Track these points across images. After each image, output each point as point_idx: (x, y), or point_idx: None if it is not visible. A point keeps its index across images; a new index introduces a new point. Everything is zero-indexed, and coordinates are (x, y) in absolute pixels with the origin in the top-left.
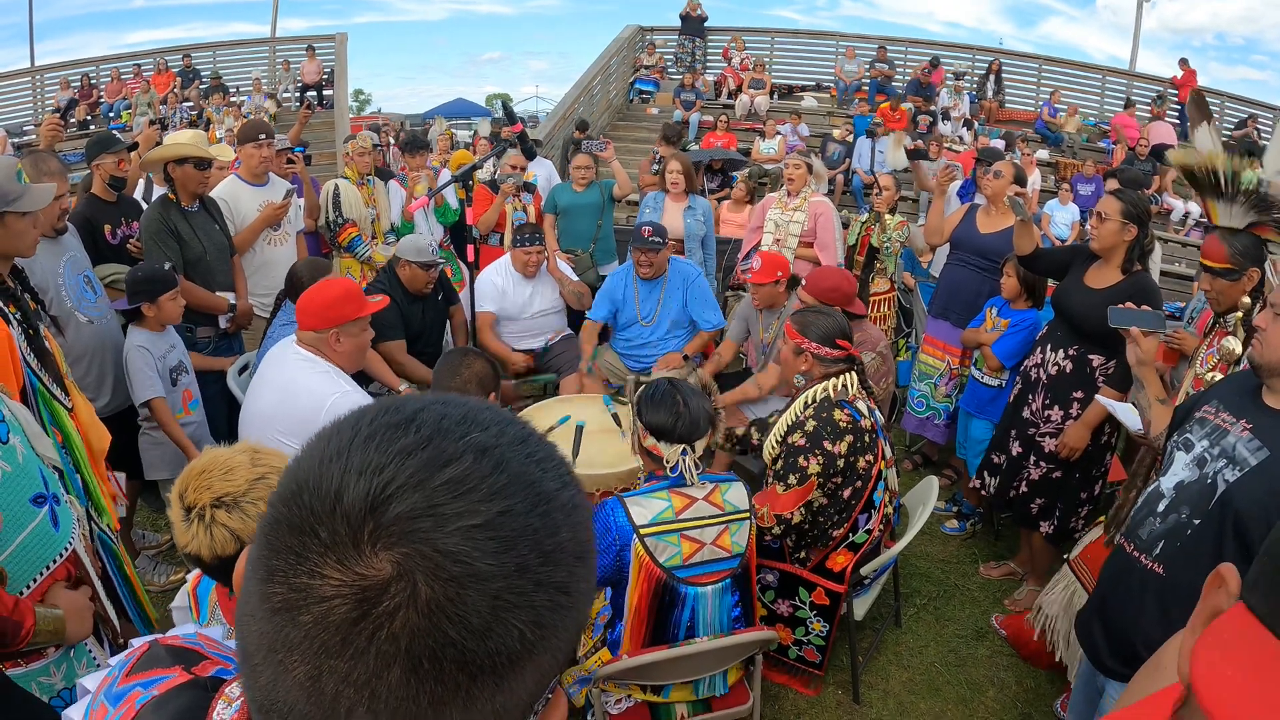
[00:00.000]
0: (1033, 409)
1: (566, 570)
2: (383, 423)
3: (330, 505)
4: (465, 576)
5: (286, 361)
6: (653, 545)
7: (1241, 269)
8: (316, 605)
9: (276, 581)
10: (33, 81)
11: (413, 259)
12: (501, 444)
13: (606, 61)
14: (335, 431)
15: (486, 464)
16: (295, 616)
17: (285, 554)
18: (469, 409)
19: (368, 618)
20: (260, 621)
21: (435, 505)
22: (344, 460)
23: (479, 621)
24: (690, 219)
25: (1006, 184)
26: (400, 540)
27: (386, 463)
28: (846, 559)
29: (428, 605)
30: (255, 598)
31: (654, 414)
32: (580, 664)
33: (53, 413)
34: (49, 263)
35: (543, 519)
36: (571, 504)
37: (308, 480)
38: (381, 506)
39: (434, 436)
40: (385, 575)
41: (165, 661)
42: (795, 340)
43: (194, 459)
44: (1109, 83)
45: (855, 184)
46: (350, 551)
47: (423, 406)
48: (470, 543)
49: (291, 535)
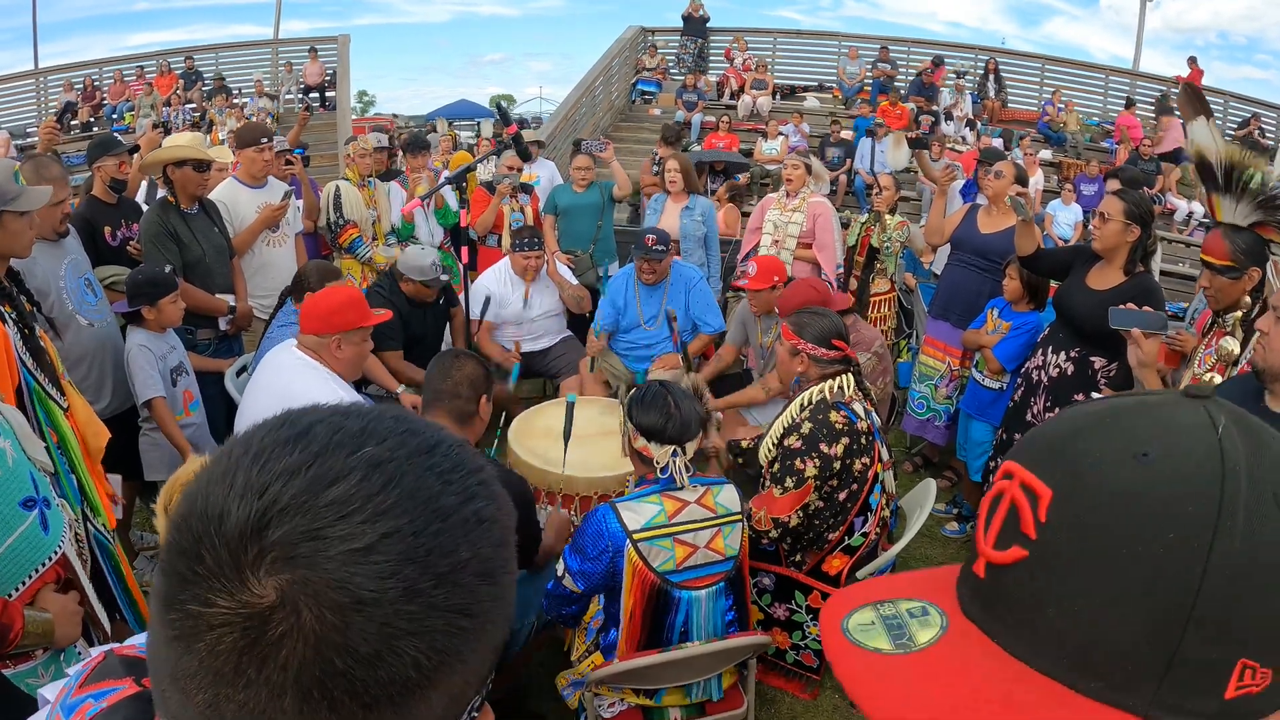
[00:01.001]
0: (1034, 411)
1: (467, 591)
2: (273, 439)
3: (214, 529)
4: (349, 604)
5: (284, 365)
6: (646, 550)
7: (1242, 267)
8: (207, 633)
9: (171, 608)
10: (36, 83)
11: (416, 279)
12: (398, 457)
13: (609, 62)
14: (228, 449)
15: (376, 481)
16: (190, 644)
17: (176, 580)
18: (370, 420)
19: (255, 646)
20: (162, 649)
21: (318, 528)
22: (229, 480)
23: (367, 650)
24: (687, 219)
25: (1008, 184)
26: (283, 566)
27: (270, 482)
28: (843, 562)
29: (313, 634)
30: (156, 624)
31: (645, 415)
32: (574, 667)
33: (48, 412)
34: (50, 265)
35: (436, 538)
36: (477, 519)
37: (195, 503)
38: (263, 530)
39: (323, 453)
40: (269, 602)
41: (117, 672)
42: (791, 341)
43: (178, 470)
44: (1112, 82)
45: (857, 184)
46: (234, 578)
47: (319, 419)
48: (353, 568)
49: (181, 561)
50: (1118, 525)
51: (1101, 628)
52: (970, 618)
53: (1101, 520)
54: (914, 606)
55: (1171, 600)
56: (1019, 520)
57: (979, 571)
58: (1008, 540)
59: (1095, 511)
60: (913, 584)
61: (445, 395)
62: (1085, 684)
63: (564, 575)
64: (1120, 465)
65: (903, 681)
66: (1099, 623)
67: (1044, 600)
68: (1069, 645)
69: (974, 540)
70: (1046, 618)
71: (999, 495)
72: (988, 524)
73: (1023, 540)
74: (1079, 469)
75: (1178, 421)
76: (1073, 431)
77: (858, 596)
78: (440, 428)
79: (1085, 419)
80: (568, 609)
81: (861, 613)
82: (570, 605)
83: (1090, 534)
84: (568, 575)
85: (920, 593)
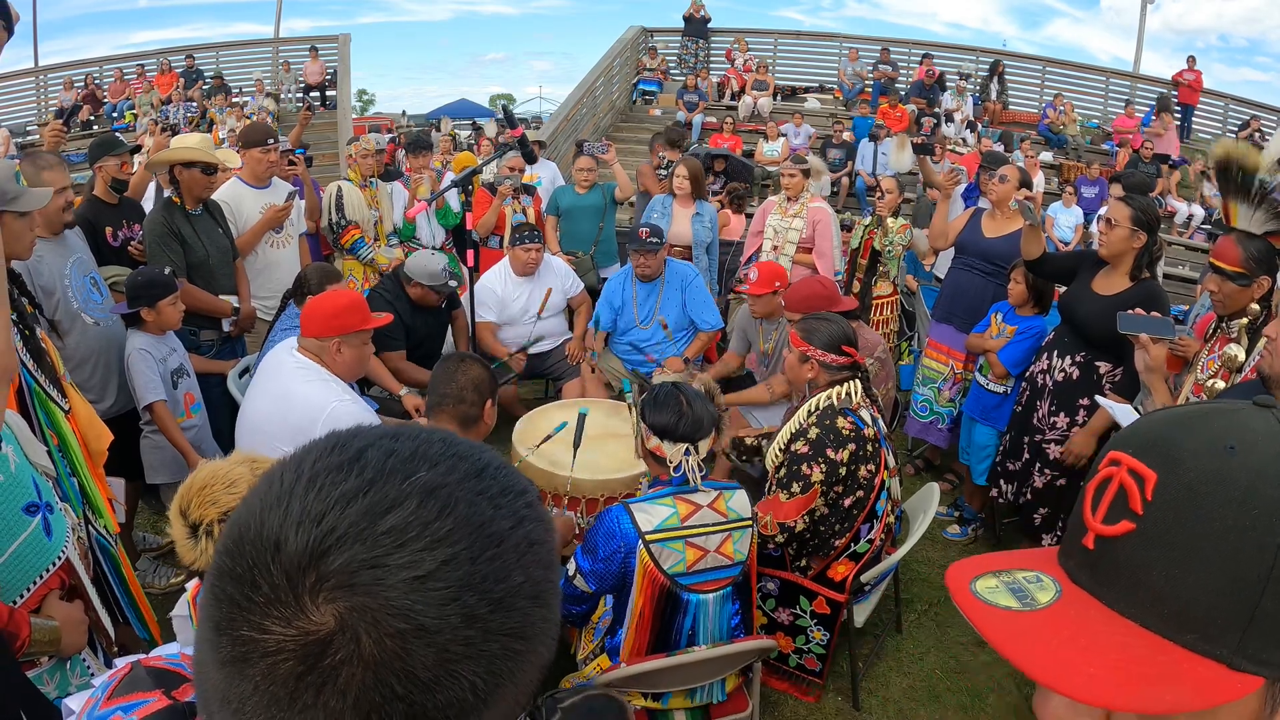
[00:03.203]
0: (1039, 415)
1: (521, 615)
2: (325, 464)
3: (270, 556)
4: (409, 631)
5: (283, 368)
6: (657, 552)
7: (1253, 275)
8: (262, 659)
9: (223, 633)
10: (36, 82)
11: (426, 283)
12: (450, 482)
13: (610, 62)
14: (279, 474)
15: (431, 508)
16: (243, 669)
17: (229, 606)
18: (420, 443)
19: (313, 672)
20: (213, 672)
21: (377, 556)
22: (284, 507)
23: (427, 675)
24: (698, 225)
25: (1012, 188)
26: (342, 593)
27: (327, 510)
28: (848, 568)
29: (372, 660)
30: (206, 647)
31: (657, 414)
32: (580, 670)
33: (49, 414)
34: (55, 264)
35: (491, 564)
36: (527, 542)
37: (249, 529)
38: (322, 558)
39: (377, 479)
40: (328, 629)
41: (146, 685)
42: (801, 348)
43: (192, 474)
44: (1112, 84)
45: (859, 186)
46: (292, 605)
47: (370, 443)
48: (413, 595)
49: (234, 587)
50: (1212, 503)
51: (1196, 588)
52: (1079, 584)
53: (1198, 499)
54: (1029, 575)
55: (1253, 564)
56: (1128, 499)
57: (1088, 544)
58: (1117, 516)
59: (1193, 491)
60: (1022, 559)
61: (450, 399)
62: (1182, 636)
63: (575, 575)
64: (1213, 455)
65: (1034, 631)
66: (1194, 584)
67: (1149, 566)
68: (1169, 604)
69: (1080, 518)
70: (1151, 581)
71: (1106, 479)
72: (1095, 504)
73: (1131, 516)
74: (1178, 456)
75: (1253, 424)
76: (1169, 427)
77: (977, 567)
78: (485, 448)
79: (1178, 418)
80: (577, 609)
81: (985, 579)
82: (580, 605)
83: (1189, 510)
84: (579, 575)
85: (1031, 565)
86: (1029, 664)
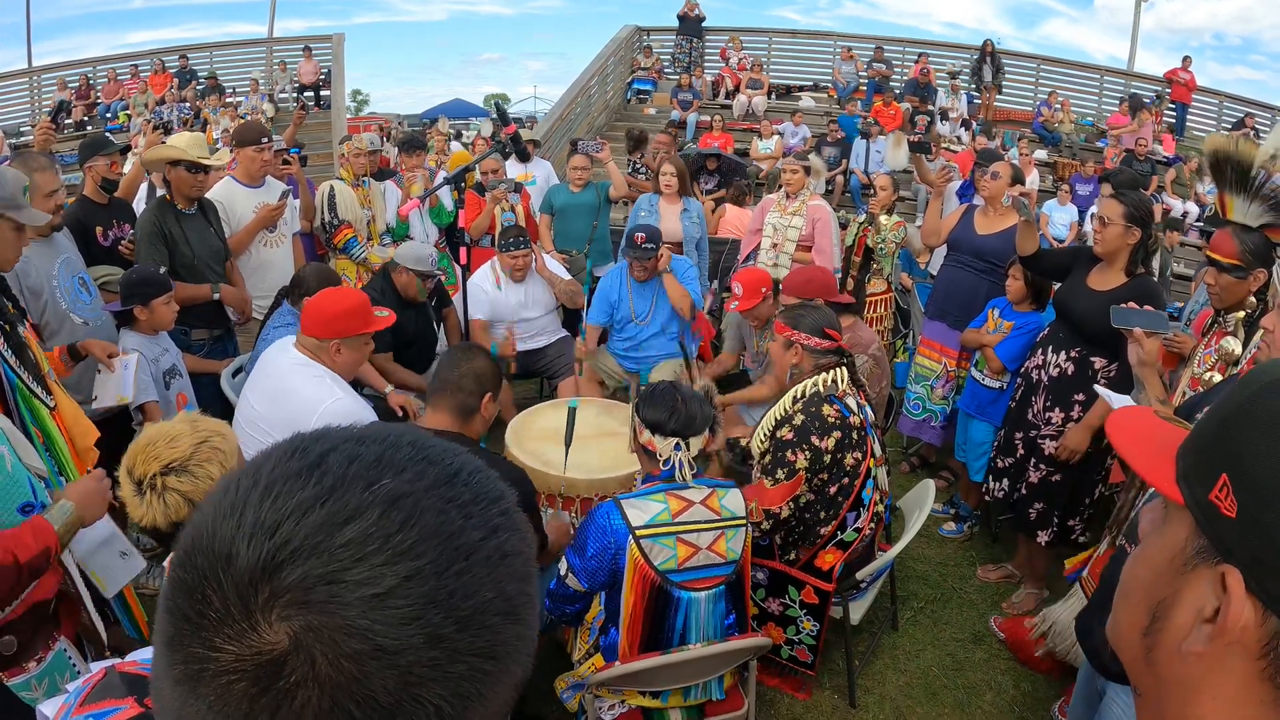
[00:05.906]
0: (1034, 411)
1: (491, 633)
2: (284, 470)
3: (221, 570)
4: (367, 652)
5: (281, 365)
6: (648, 547)
7: (1249, 268)
8: (215, 679)
9: (175, 650)
10: (30, 82)
11: (412, 267)
12: (417, 490)
13: (604, 62)
14: (236, 480)
15: (394, 519)
16: (196, 688)
17: (180, 620)
18: (386, 447)
19: (267, 694)
20: (167, 689)
21: (333, 571)
22: (238, 517)
23: (387, 699)
24: (686, 221)
25: (1004, 185)
26: (296, 610)
27: (282, 520)
28: (835, 557)
29: (329, 683)
30: (161, 663)
31: (651, 409)
32: (574, 670)
33: (33, 410)
34: (43, 264)
35: (459, 578)
36: (500, 554)
37: (200, 539)
38: (275, 573)
39: (337, 487)
40: (281, 649)
41: (119, 691)
42: (785, 334)
43: (140, 436)
44: (1107, 82)
45: (853, 184)
46: (243, 622)
47: (333, 447)
48: (372, 614)
49: (185, 601)
50: None
51: None
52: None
53: None
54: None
55: None
56: None
57: None
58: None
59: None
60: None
61: (449, 385)
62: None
63: (566, 574)
64: None
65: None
66: None
67: None
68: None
69: None
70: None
71: None
72: None
73: None
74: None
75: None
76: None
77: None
78: (460, 451)
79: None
80: (570, 608)
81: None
82: (573, 604)
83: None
84: (570, 573)
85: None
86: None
